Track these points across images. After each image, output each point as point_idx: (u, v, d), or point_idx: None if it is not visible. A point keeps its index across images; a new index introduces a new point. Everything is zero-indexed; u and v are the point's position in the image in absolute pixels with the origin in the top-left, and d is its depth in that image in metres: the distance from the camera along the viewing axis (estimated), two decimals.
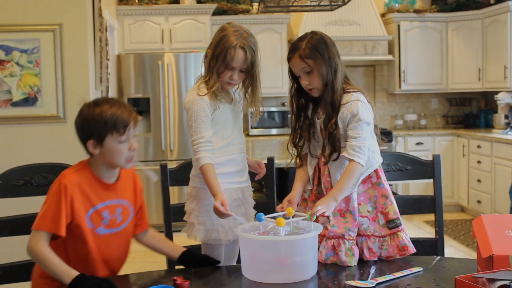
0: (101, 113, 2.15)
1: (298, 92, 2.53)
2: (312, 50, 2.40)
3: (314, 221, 2.22)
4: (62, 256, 2.19)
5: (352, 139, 2.37)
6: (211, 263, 2.38)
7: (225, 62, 2.53)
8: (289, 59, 2.47)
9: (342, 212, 2.40)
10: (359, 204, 2.42)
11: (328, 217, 2.29)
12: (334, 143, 2.40)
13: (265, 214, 2.26)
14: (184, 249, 2.42)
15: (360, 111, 2.38)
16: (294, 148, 2.58)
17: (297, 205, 2.49)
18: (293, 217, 2.24)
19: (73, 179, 2.19)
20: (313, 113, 2.52)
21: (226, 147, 2.61)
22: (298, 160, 2.59)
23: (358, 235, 2.40)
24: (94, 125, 2.16)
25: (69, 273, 2.07)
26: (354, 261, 2.33)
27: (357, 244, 2.39)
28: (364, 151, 2.36)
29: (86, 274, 2.08)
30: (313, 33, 2.47)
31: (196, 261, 2.37)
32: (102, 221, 2.26)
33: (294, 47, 2.45)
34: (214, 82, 2.55)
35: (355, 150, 2.35)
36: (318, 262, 2.30)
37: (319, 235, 2.34)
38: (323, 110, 2.46)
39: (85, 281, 2.04)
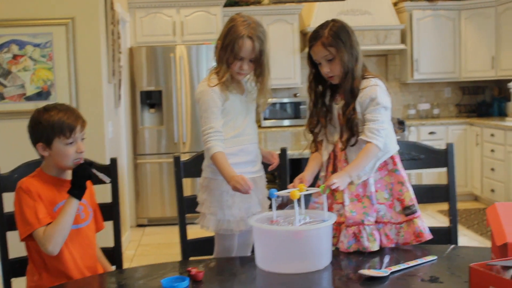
0: (49, 118, 2.31)
1: (316, 79, 2.54)
2: (334, 38, 2.42)
3: (328, 209, 2.23)
4: (36, 257, 2.32)
5: (370, 122, 2.39)
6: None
7: (234, 52, 2.54)
8: (310, 46, 2.49)
9: (360, 197, 2.41)
10: (376, 191, 2.43)
11: (342, 203, 2.30)
12: (352, 128, 2.42)
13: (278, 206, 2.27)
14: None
15: (378, 95, 2.40)
16: (310, 134, 2.59)
17: (309, 186, 2.49)
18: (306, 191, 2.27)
19: (31, 182, 2.32)
20: (331, 99, 2.54)
21: (237, 137, 2.62)
22: (313, 146, 2.61)
23: (375, 222, 2.40)
24: (43, 129, 2.31)
25: (71, 202, 2.27)
26: (376, 246, 2.34)
27: None
28: (382, 134, 2.38)
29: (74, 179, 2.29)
30: (334, 21, 2.49)
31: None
32: None
33: (315, 35, 2.47)
34: (224, 73, 2.57)
35: (373, 132, 2.37)
36: (340, 251, 2.31)
37: (338, 223, 2.35)
38: (341, 96, 2.48)
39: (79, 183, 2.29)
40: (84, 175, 2.31)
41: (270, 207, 2.31)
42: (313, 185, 2.51)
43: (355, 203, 2.40)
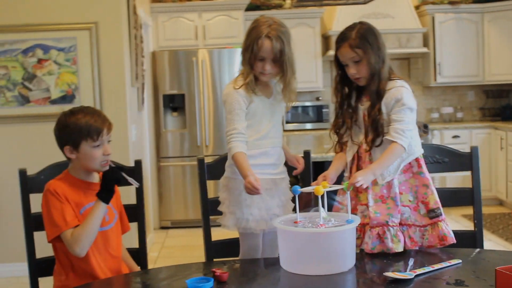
0: (76, 121, 2.33)
1: (342, 80, 2.55)
2: (362, 40, 2.43)
3: (352, 211, 2.23)
4: (63, 258, 2.36)
5: (396, 122, 2.40)
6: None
7: (254, 53, 2.57)
8: (337, 48, 2.50)
9: (384, 198, 2.41)
10: (400, 193, 2.43)
11: (366, 204, 2.30)
12: (377, 129, 2.42)
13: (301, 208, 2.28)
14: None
15: (404, 96, 2.41)
16: (335, 135, 2.60)
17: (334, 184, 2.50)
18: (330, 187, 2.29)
19: (59, 184, 2.34)
20: (357, 100, 2.54)
21: (259, 141, 2.63)
22: (338, 147, 2.62)
23: (400, 224, 2.40)
24: (70, 132, 2.34)
25: (99, 206, 2.29)
26: (400, 247, 2.34)
27: None
28: (407, 135, 2.38)
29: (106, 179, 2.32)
30: (362, 23, 2.51)
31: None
32: None
33: (343, 37, 2.48)
34: (248, 74, 2.60)
35: (398, 132, 2.37)
36: (364, 253, 2.31)
37: (362, 224, 2.35)
38: (367, 97, 2.48)
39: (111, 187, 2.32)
40: (113, 179, 2.34)
41: (294, 209, 2.31)
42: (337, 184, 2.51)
43: (379, 204, 2.40)
